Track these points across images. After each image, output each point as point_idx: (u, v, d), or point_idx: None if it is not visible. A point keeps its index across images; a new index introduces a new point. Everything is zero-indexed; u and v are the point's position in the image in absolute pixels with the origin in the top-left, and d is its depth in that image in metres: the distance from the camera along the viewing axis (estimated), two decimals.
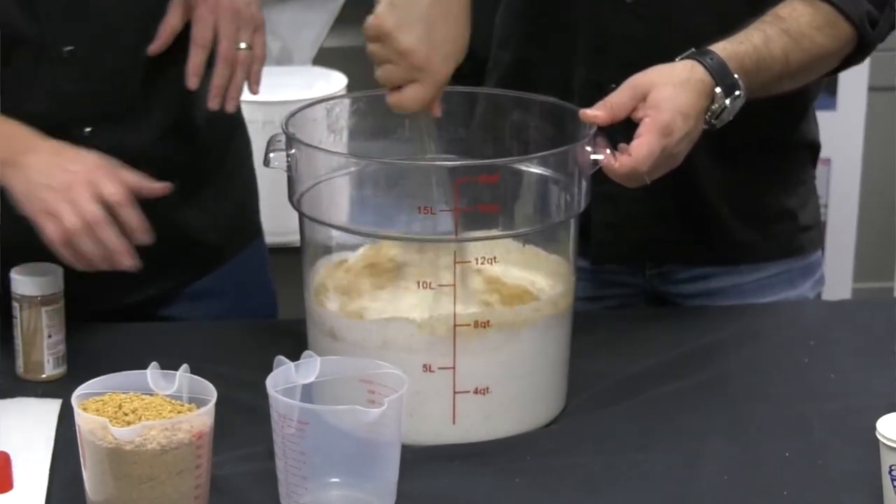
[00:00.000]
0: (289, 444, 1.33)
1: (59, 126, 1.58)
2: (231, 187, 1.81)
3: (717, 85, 1.52)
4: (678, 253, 1.78)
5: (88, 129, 1.64)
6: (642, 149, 1.47)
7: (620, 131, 1.51)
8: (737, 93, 1.53)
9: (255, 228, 1.87)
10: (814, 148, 1.82)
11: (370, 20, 1.48)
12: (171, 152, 1.70)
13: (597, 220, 1.72)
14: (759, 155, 1.75)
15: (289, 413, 1.32)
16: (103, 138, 1.63)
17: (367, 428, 1.32)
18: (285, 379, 1.37)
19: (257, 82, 1.68)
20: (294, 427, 1.32)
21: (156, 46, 1.66)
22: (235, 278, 1.81)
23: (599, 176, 1.50)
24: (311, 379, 1.38)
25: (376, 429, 1.33)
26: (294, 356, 1.39)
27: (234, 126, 1.82)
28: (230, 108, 1.66)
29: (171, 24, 1.66)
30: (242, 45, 1.66)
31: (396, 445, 1.35)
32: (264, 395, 1.37)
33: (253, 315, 1.80)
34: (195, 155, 1.74)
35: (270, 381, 1.35)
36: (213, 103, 1.65)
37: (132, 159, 1.60)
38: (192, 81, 1.65)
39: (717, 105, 1.52)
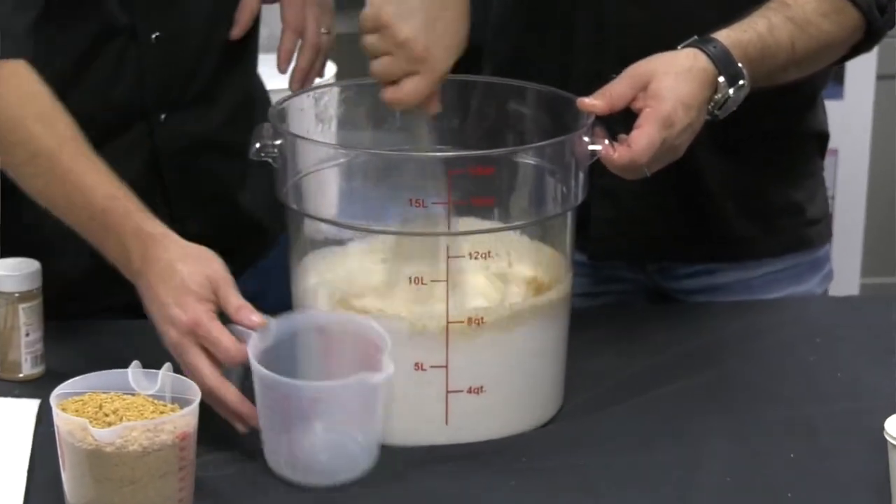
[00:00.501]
0: (278, 408, 1.37)
1: (139, 113, 1.63)
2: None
3: (720, 74, 1.51)
4: (680, 249, 1.78)
5: (164, 116, 1.68)
6: (642, 140, 1.47)
7: (620, 122, 1.50)
8: (741, 82, 1.52)
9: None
10: (822, 138, 1.82)
11: (367, 10, 1.48)
12: (234, 137, 1.73)
13: (595, 215, 1.72)
14: (764, 146, 1.75)
15: (293, 392, 1.35)
16: (175, 125, 1.68)
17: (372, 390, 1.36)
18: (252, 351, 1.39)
19: (325, 66, 1.77)
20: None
21: (238, 30, 1.71)
22: (268, 267, 1.83)
23: (598, 168, 1.49)
24: (270, 342, 1.41)
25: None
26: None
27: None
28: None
29: (250, 7, 1.71)
30: (323, 30, 1.74)
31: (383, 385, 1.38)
32: (248, 393, 1.37)
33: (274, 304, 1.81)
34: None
35: (252, 351, 1.38)
36: (296, 85, 1.72)
37: (198, 145, 1.68)
38: (284, 67, 1.72)
39: (720, 95, 1.52)
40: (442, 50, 1.49)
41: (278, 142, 1.48)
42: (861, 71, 2.97)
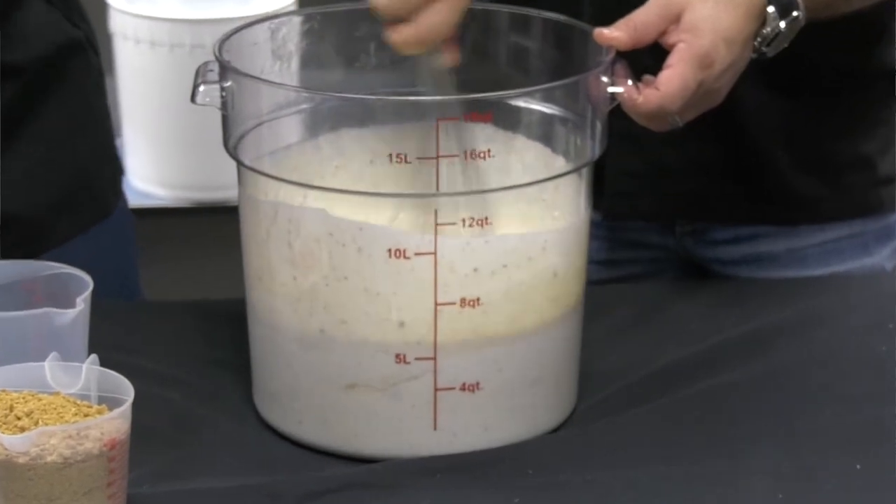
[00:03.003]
0: None
1: None
2: (59, 147, 1.76)
3: (769, 3, 1.53)
4: (717, 207, 1.80)
5: None
6: (673, 82, 1.48)
7: (647, 59, 1.52)
8: (794, 13, 1.54)
9: (103, 207, 1.83)
10: None
11: None
12: None
13: (612, 164, 1.72)
14: (824, 87, 1.76)
15: None
16: None
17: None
18: None
19: None
20: None
21: None
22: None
23: (618, 114, 1.51)
24: None
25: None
26: (232, 344, 1.41)
27: (65, 57, 1.76)
28: None
29: None
30: None
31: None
32: (193, 395, 1.39)
33: None
34: None
35: None
36: None
37: None
38: None
39: (768, 29, 1.54)
40: None
41: (227, 83, 1.49)
42: None
